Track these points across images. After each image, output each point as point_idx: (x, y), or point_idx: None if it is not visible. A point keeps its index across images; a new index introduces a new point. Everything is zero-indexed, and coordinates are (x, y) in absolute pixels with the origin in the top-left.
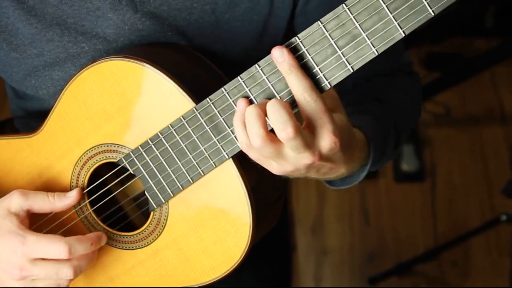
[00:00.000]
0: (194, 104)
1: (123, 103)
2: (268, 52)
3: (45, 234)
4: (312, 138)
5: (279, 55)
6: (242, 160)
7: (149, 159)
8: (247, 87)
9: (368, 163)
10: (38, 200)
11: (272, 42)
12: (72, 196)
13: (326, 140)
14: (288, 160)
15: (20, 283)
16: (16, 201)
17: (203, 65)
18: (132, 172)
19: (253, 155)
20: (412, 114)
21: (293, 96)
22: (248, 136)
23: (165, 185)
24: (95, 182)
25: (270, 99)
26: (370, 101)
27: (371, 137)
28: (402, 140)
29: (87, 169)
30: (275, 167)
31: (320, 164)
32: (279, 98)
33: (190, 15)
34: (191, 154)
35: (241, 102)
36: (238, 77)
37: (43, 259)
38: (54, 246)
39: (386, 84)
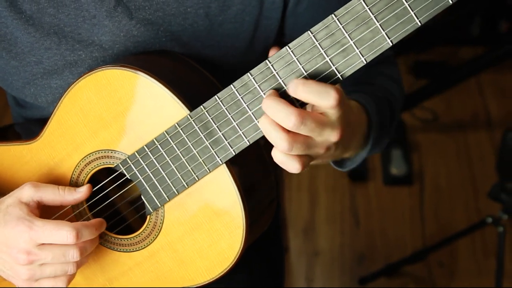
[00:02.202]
0: (188, 112)
1: (120, 111)
2: (261, 55)
3: (52, 220)
4: (322, 116)
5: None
6: (235, 166)
7: (145, 165)
8: (239, 95)
9: (370, 135)
10: (49, 192)
11: (264, 44)
12: (82, 191)
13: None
14: (317, 148)
15: (27, 268)
16: (27, 192)
17: (197, 72)
18: (129, 177)
19: (296, 149)
20: (399, 95)
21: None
22: (283, 134)
23: (161, 189)
24: (93, 187)
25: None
26: (361, 85)
27: (366, 104)
28: (396, 116)
29: (85, 174)
30: (313, 156)
31: (347, 136)
32: None
33: (185, 20)
34: (186, 160)
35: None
36: (231, 85)
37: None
38: (62, 231)
39: (374, 71)
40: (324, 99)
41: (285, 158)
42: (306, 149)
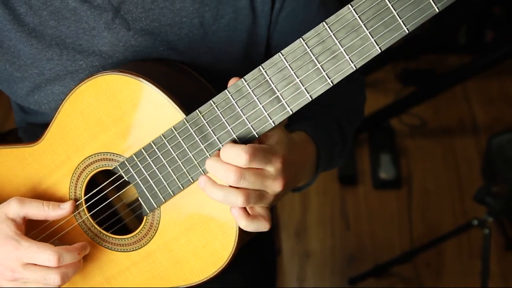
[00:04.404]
0: (184, 116)
1: (119, 115)
2: (255, 61)
3: (37, 242)
4: (260, 170)
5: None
6: None
7: (143, 167)
8: (234, 100)
9: (319, 161)
10: (33, 208)
11: (257, 50)
12: (65, 208)
13: (273, 165)
14: (268, 196)
15: (12, 283)
16: (13, 208)
17: (192, 78)
18: (126, 179)
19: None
20: (355, 113)
21: (282, 104)
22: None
23: (157, 191)
24: (92, 189)
25: (256, 110)
26: (313, 107)
27: (313, 134)
28: (348, 140)
29: (85, 176)
30: (269, 204)
31: (292, 178)
32: (264, 111)
33: (180, 29)
34: (181, 162)
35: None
36: (226, 90)
37: (35, 264)
38: (45, 254)
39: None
40: (238, 161)
41: (255, 225)
42: (258, 200)
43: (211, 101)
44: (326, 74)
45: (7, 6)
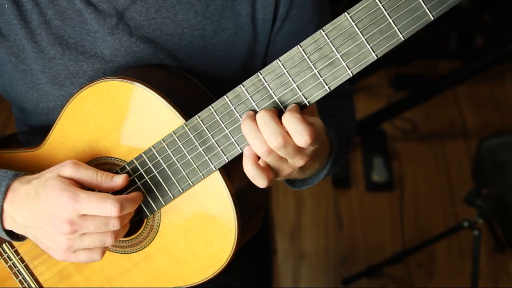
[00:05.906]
0: (184, 121)
1: (119, 120)
2: (251, 74)
3: (95, 192)
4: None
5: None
6: (228, 172)
7: (143, 171)
8: (232, 105)
9: (328, 162)
10: (88, 175)
11: (254, 64)
12: (118, 181)
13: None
14: (287, 165)
15: (67, 238)
16: (67, 170)
17: (192, 85)
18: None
19: (271, 159)
20: (353, 127)
21: (280, 110)
22: (265, 142)
23: (158, 194)
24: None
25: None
26: (326, 116)
27: (333, 139)
28: (348, 150)
29: None
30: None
31: (309, 163)
32: None
33: (181, 40)
34: (181, 166)
35: (247, 116)
36: (225, 96)
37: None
38: (106, 204)
39: (335, 105)
40: (297, 138)
41: (256, 173)
42: (278, 161)
43: (210, 106)
44: (323, 80)
45: (15, 1)
